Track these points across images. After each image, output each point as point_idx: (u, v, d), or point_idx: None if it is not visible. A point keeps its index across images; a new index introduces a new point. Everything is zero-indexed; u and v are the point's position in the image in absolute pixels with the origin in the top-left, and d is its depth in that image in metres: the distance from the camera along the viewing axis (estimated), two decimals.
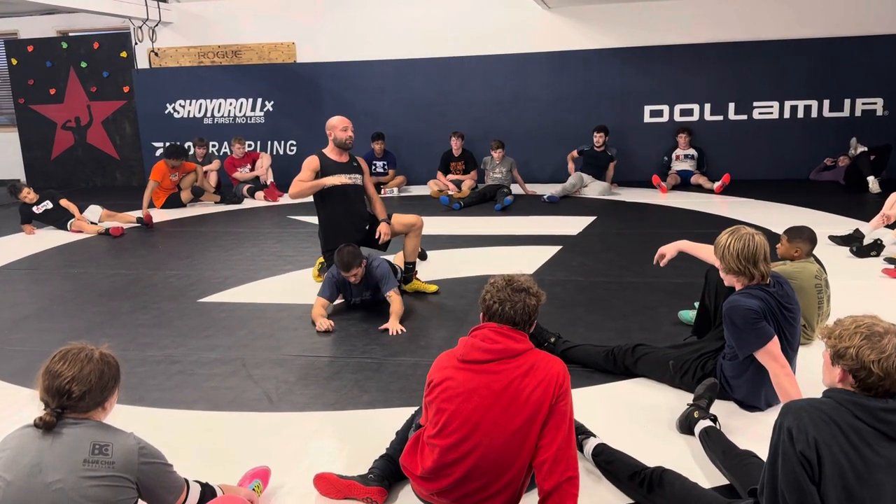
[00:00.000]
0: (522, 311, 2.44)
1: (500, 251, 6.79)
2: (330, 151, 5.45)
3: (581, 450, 2.93)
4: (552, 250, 6.65)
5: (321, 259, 5.94)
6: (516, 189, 9.92)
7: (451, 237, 7.36)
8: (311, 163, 5.39)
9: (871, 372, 1.91)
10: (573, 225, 7.74)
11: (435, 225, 7.95)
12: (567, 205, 9.10)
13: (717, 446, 2.86)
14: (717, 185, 9.47)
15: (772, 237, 4.42)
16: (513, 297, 2.44)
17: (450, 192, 9.76)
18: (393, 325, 4.72)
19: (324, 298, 4.97)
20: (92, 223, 8.51)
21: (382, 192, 10.32)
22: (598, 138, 9.95)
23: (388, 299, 4.95)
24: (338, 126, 5.40)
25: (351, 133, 5.42)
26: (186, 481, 2.33)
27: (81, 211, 8.65)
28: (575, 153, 10.13)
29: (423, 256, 6.28)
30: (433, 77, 11.14)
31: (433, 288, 5.53)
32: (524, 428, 2.32)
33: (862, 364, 1.92)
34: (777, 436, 2.00)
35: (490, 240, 7.25)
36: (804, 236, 4.22)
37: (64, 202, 8.66)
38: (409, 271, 5.51)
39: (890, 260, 5.67)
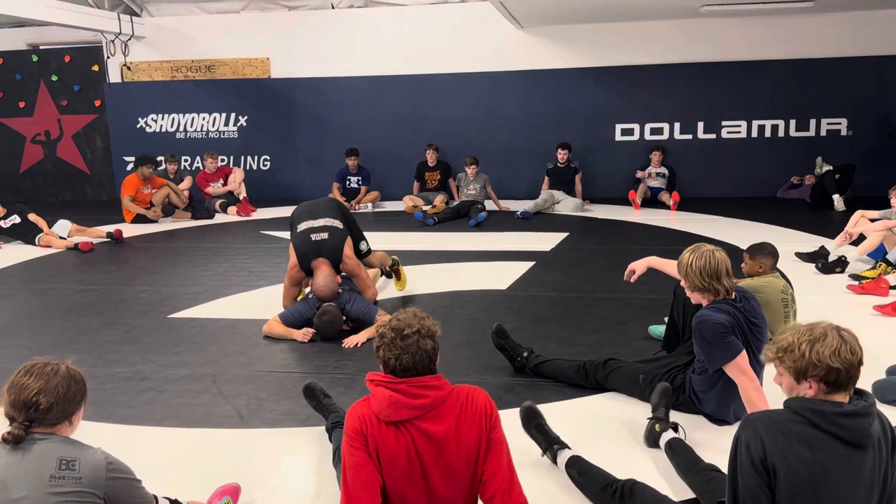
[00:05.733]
0: (421, 357, 2.23)
1: (474, 266, 6.81)
2: None
3: (555, 461, 2.96)
4: (525, 266, 6.69)
5: None
6: (490, 205, 9.98)
7: (425, 253, 7.37)
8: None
9: (835, 369, 1.95)
10: (546, 241, 7.80)
11: (409, 241, 7.97)
12: (540, 221, 9.17)
13: (682, 460, 2.90)
14: (671, 204, 9.70)
15: (740, 254, 4.51)
16: (405, 346, 2.22)
17: (424, 208, 9.78)
18: (354, 338, 4.72)
19: (282, 320, 4.90)
20: (61, 238, 8.39)
21: (356, 208, 10.33)
22: (562, 155, 10.22)
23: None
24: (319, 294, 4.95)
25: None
26: (155, 497, 2.30)
27: (50, 225, 8.52)
28: None
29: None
30: (408, 94, 11.19)
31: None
32: (468, 470, 2.25)
33: (828, 367, 1.95)
34: (735, 448, 2.04)
35: (464, 255, 7.28)
36: (765, 251, 4.31)
37: (32, 217, 8.53)
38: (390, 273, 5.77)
39: (854, 276, 5.79)
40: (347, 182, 10.62)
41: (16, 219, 8.53)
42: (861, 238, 6.31)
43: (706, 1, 8.90)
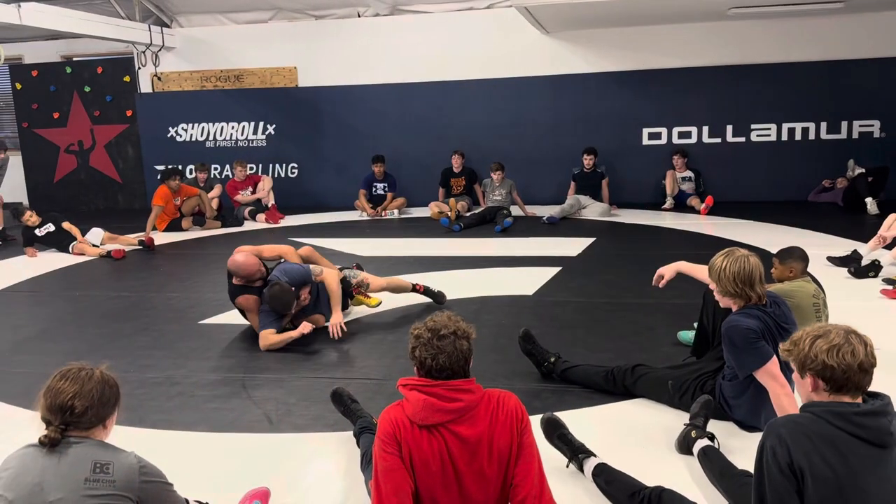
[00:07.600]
0: (457, 358, 2.24)
1: (501, 272, 6.81)
2: None
3: (581, 469, 2.94)
4: (552, 271, 6.66)
5: None
6: (516, 211, 9.96)
7: (452, 259, 7.38)
8: None
9: (829, 366, 1.98)
10: (573, 246, 7.77)
11: (436, 247, 7.99)
12: (567, 226, 9.14)
13: (715, 466, 2.86)
14: (702, 207, 9.57)
15: (770, 258, 4.44)
16: (442, 346, 2.23)
17: (448, 214, 9.79)
18: (332, 324, 4.83)
19: (272, 328, 4.86)
20: (94, 246, 8.54)
21: (383, 214, 10.39)
22: (588, 160, 10.18)
23: (321, 281, 5.05)
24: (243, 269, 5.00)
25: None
26: (186, 501, 2.34)
27: (84, 234, 8.68)
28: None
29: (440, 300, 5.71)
30: (434, 100, 11.22)
31: (375, 301, 5.55)
32: (499, 474, 2.25)
33: (823, 363, 1.99)
34: (760, 455, 2.04)
35: (490, 261, 7.28)
36: (795, 255, 4.24)
37: (66, 225, 8.70)
38: (348, 285, 5.42)
39: (888, 280, 5.68)
40: (374, 189, 10.68)
41: (50, 227, 8.71)
42: (895, 242, 6.21)
43: (733, 3, 8.82)
